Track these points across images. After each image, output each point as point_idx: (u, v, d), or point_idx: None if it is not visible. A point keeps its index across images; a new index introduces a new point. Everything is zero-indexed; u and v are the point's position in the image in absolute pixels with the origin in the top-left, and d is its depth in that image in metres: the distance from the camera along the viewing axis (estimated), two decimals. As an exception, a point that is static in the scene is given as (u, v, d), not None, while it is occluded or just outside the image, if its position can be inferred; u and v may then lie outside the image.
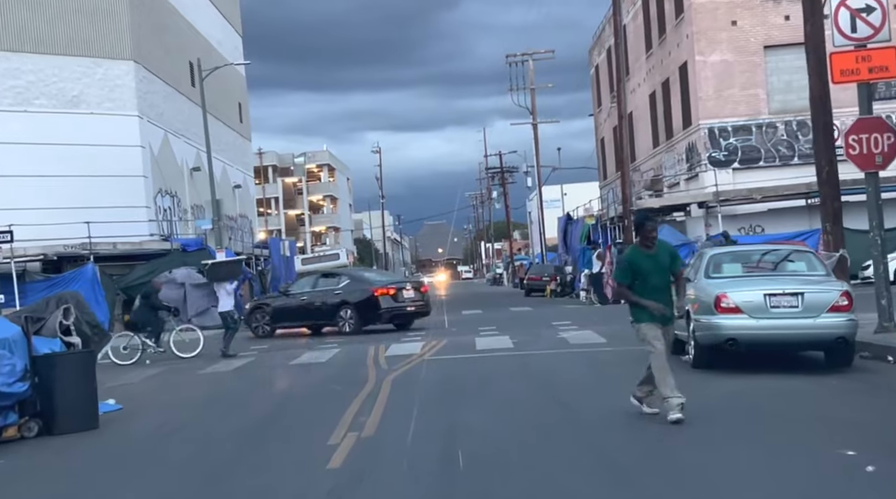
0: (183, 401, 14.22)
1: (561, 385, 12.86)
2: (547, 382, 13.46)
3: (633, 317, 10.23)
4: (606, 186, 59.38)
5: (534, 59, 70.41)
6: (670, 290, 10.19)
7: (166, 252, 39.44)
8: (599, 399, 11.38)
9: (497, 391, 12.59)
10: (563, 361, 16.23)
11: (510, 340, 20.37)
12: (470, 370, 15.51)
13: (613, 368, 14.73)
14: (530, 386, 13.04)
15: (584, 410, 10.63)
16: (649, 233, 10.01)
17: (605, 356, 16.52)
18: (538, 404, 11.19)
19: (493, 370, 15.35)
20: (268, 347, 24.08)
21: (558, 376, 14.11)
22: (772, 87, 37.82)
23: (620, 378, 13.31)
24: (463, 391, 12.69)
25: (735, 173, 37.75)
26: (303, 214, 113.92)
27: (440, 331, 25.48)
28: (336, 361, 18.92)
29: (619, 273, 10.20)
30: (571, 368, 15.05)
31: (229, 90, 60.08)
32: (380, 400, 12.01)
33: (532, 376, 14.33)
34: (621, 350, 17.15)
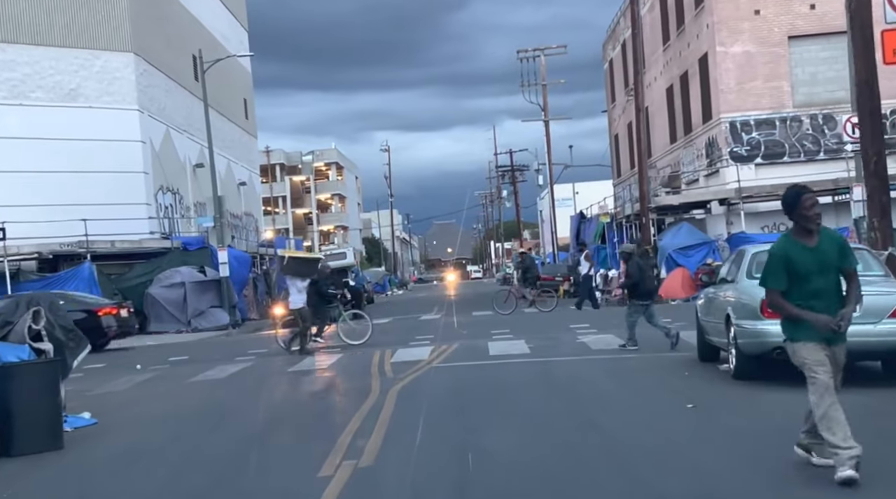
0: (165, 414, 12.79)
1: (588, 399, 11.38)
2: (571, 394, 11.99)
3: (786, 333, 7.42)
4: (621, 183, 57.84)
5: (545, 55, 68.82)
6: (840, 294, 7.28)
7: (166, 251, 38.11)
8: (635, 418, 9.89)
9: (515, 406, 11.13)
10: (586, 368, 14.76)
11: (526, 345, 18.91)
12: (484, 380, 14.05)
13: (643, 377, 13.26)
14: (553, 399, 11.57)
15: (620, 432, 9.14)
16: (809, 212, 7.15)
17: (631, 364, 15.05)
18: (564, 423, 9.71)
19: (509, 380, 13.89)
20: (267, 352, 22.65)
21: (583, 386, 12.64)
22: (796, 79, 36.26)
23: (654, 390, 11.85)
24: (477, 406, 11.23)
25: (758, 169, 36.20)
26: (311, 213, 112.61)
27: (450, 334, 24.05)
28: (338, 368, 17.49)
29: (770, 275, 7.30)
30: (596, 377, 13.58)
31: (234, 86, 58.74)
32: (382, 418, 10.55)
33: (553, 386, 12.87)
34: (648, 357, 15.70)
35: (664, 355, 15.84)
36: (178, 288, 36.21)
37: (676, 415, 9.84)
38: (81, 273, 35.14)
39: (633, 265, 17.80)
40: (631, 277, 17.60)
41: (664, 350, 16.52)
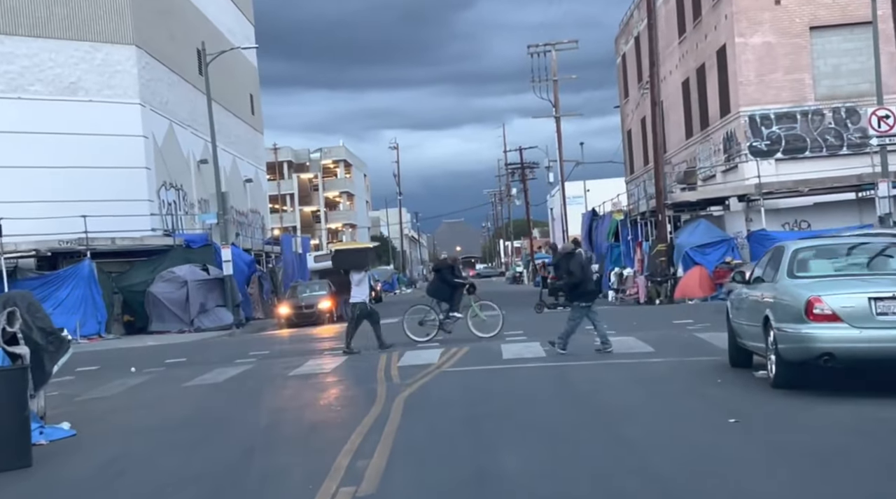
0: (151, 425, 11.73)
1: (615, 411, 10.27)
2: (595, 404, 10.89)
3: None
4: (634, 180, 56.67)
5: (556, 50, 67.65)
6: None
7: (169, 248, 37.14)
8: (672, 434, 8.77)
9: (535, 419, 10.03)
10: (609, 375, 13.66)
11: (541, 348, 17.80)
12: (498, 387, 12.96)
13: (672, 385, 12.15)
14: (575, 411, 10.47)
15: (657, 453, 8.02)
16: None
17: (657, 370, 13.94)
18: (592, 442, 8.60)
19: (526, 387, 12.80)
20: (269, 353, 21.60)
21: (608, 396, 11.53)
22: (818, 71, 35.06)
23: (687, 400, 10.75)
24: (491, 419, 10.12)
25: (778, 164, 35.01)
26: (318, 211, 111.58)
27: (460, 335, 22.93)
28: (342, 372, 16.42)
29: None
30: (621, 385, 12.47)
31: (240, 81, 57.71)
32: (387, 432, 9.46)
33: (576, 396, 11.77)
34: (674, 362, 14.58)
35: (690, 360, 14.74)
36: (181, 287, 35.23)
37: (718, 431, 8.73)
38: (81, 271, 34.20)
39: (576, 264, 16.75)
40: (574, 276, 16.62)
41: (690, 354, 15.43)
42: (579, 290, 16.52)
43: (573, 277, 16.57)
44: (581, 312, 16.60)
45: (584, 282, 16.54)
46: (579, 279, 16.50)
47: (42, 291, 34.01)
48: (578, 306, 16.60)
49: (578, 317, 16.61)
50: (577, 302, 16.62)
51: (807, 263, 11.78)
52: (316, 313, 35.11)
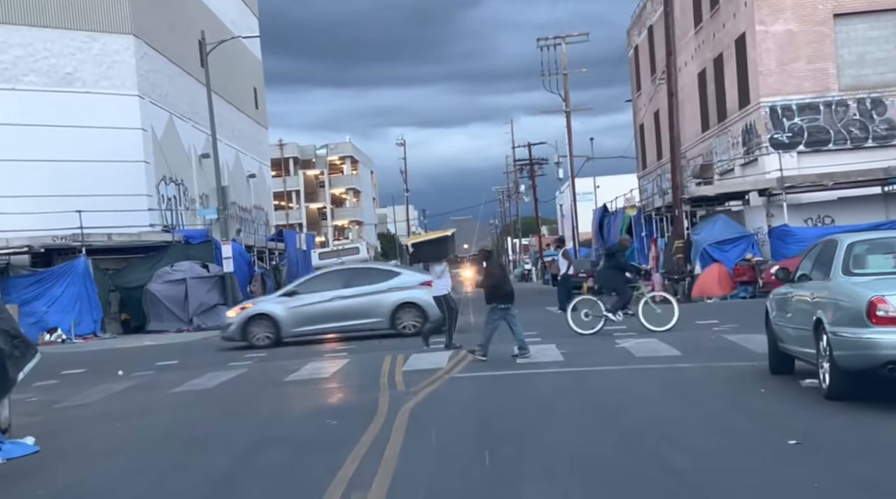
0: (122, 443, 10.45)
1: (652, 430, 8.94)
2: (627, 420, 9.56)
3: None
4: (646, 176, 55.33)
5: (567, 43, 66.35)
6: None
7: (168, 244, 35.88)
8: (729, 466, 7.40)
9: (561, 441, 8.70)
10: (636, 382, 12.35)
11: (558, 351, 16.49)
12: (514, 398, 11.66)
13: (711, 396, 10.84)
14: (608, 431, 9.14)
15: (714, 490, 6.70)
16: None
17: (688, 377, 12.62)
18: (634, 475, 7.22)
19: (545, 398, 11.49)
20: (266, 356, 20.31)
21: (639, 409, 10.21)
22: (842, 60, 33.62)
23: (732, 415, 9.42)
24: (510, 440, 8.80)
25: (800, 157, 33.61)
26: (325, 208, 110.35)
27: (470, 336, 21.63)
28: (342, 378, 15.13)
29: None
30: (653, 396, 11.15)
31: (244, 74, 56.47)
32: (388, 456, 8.15)
33: (601, 408, 10.45)
34: (705, 368, 13.27)
35: (723, 366, 13.43)
36: (179, 284, 33.99)
37: (783, 458, 7.41)
38: (76, 268, 32.99)
39: (494, 265, 16.00)
40: (492, 277, 15.75)
41: (721, 359, 14.12)
42: (498, 291, 15.77)
43: (492, 279, 15.81)
44: (499, 315, 15.82)
45: (503, 283, 15.84)
46: (498, 280, 15.78)
47: (36, 289, 32.89)
48: (496, 308, 15.85)
49: (496, 319, 15.84)
50: (495, 304, 15.86)
51: (864, 258, 10.46)
52: (320, 312, 33.81)
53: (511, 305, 15.96)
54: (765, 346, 15.02)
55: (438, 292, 18.70)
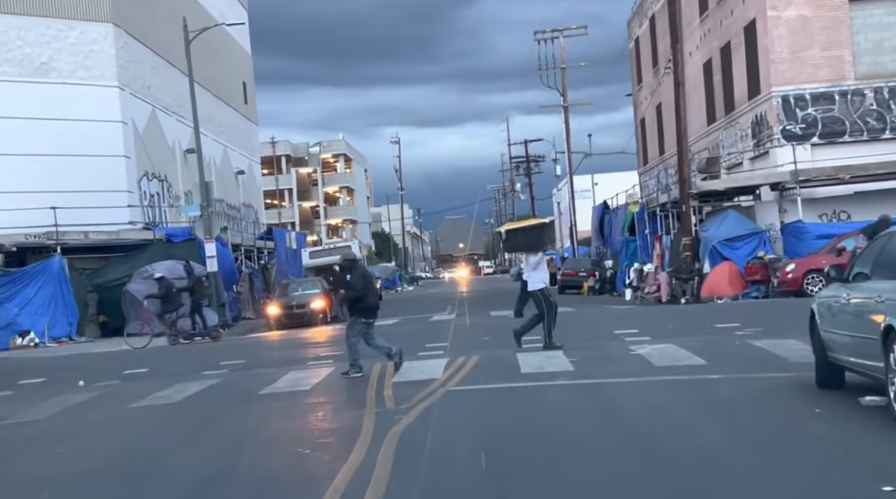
0: (56, 472, 8.72)
1: (697, 464, 7.20)
2: (666, 454, 7.80)
3: None
4: (647, 172, 53.66)
5: (564, 36, 64.71)
6: None
7: (148, 243, 34.16)
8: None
9: (586, 479, 6.97)
10: (664, 398, 10.65)
11: (566, 359, 14.76)
12: (523, 419, 9.93)
13: (757, 418, 9.12)
14: (642, 465, 7.40)
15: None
16: None
17: (722, 392, 10.92)
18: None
19: (559, 419, 9.77)
20: (245, 363, 18.57)
21: (677, 436, 8.46)
22: (858, 47, 31.94)
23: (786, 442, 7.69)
24: (522, 479, 7.07)
25: (814, 150, 31.93)
26: (318, 207, 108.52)
27: (468, 340, 19.93)
28: (324, 391, 13.40)
29: None
30: (687, 416, 9.42)
31: (232, 67, 54.74)
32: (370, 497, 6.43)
33: (632, 435, 8.70)
34: (739, 381, 11.57)
35: (758, 378, 11.73)
36: (159, 285, 32.19)
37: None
38: (50, 268, 31.27)
39: (358, 276, 14.52)
40: (354, 289, 14.40)
41: (754, 369, 12.41)
42: (361, 304, 14.47)
43: (355, 291, 14.45)
44: (360, 329, 14.47)
45: (367, 296, 14.49)
46: (361, 293, 14.42)
47: (7, 290, 31.11)
48: (358, 322, 14.55)
49: (356, 334, 14.46)
50: (356, 318, 14.57)
51: (943, 254, 8.75)
52: (308, 314, 32.22)
53: (374, 319, 14.76)
54: (800, 353, 13.43)
55: (535, 286, 16.75)
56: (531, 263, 16.86)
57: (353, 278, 14.76)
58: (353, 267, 15.10)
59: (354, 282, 14.67)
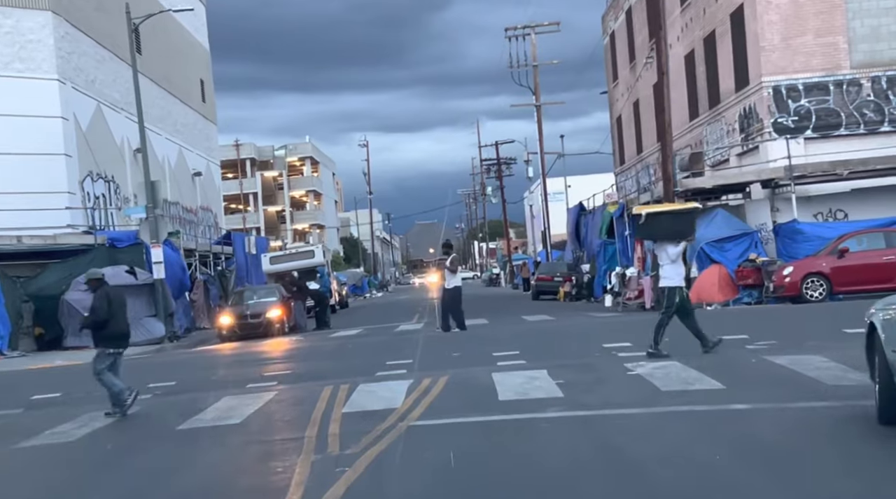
0: None
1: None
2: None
3: None
4: (624, 172, 51.47)
5: (536, 33, 62.49)
6: None
7: (90, 248, 31.38)
8: None
9: None
10: (681, 438, 8.28)
11: (552, 381, 12.32)
12: (503, 471, 7.48)
13: (818, 470, 6.74)
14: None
15: None
16: None
17: (753, 427, 8.57)
18: None
19: (554, 471, 7.33)
20: (176, 384, 15.99)
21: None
22: (854, 34, 29.79)
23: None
24: None
25: (807, 144, 29.74)
26: (284, 211, 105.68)
27: (435, 355, 17.48)
28: (257, 424, 10.90)
29: None
30: (719, 466, 7.03)
31: (189, 64, 52.03)
32: None
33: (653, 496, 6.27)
34: (771, 412, 9.28)
35: (795, 408, 9.42)
36: (101, 293, 29.54)
37: None
38: (-22, 276, 28.52)
39: (101, 297, 12.34)
40: (96, 312, 12.29)
41: (784, 395, 10.12)
42: (104, 332, 12.37)
43: (96, 314, 12.33)
44: (106, 361, 12.36)
45: (110, 321, 12.34)
46: (102, 317, 12.30)
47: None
48: (105, 353, 12.43)
49: (102, 366, 12.34)
50: (101, 347, 12.46)
51: None
52: (264, 324, 29.63)
53: (123, 349, 12.69)
54: (833, 374, 11.15)
55: (672, 282, 14.35)
56: (671, 253, 14.41)
57: (95, 301, 12.46)
58: (99, 287, 12.66)
59: (96, 305, 12.39)
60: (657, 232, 14.75)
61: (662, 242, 14.51)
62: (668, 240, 14.44)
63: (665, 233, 14.54)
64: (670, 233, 14.52)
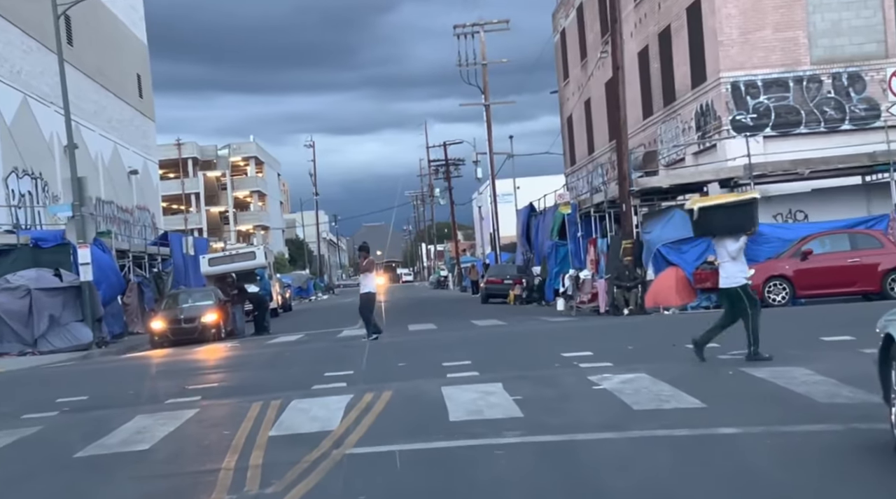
0: None
1: None
2: None
3: None
4: (575, 172, 50.45)
5: (485, 31, 61.33)
6: None
7: (12, 248, 29.49)
8: None
9: None
10: (665, 472, 6.97)
11: (509, 396, 10.94)
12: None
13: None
14: None
15: None
16: None
17: (747, 457, 7.28)
18: None
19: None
20: (87, 399, 14.36)
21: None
22: (815, 28, 28.88)
23: None
24: None
25: (766, 142, 28.76)
26: (227, 212, 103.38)
27: (380, 366, 16.05)
28: (167, 451, 9.36)
29: None
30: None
31: (125, 58, 50.01)
32: None
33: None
34: (764, 436, 8.02)
35: (795, 432, 8.17)
36: (23, 296, 27.66)
37: None
38: None
39: None
40: None
41: (777, 417, 8.90)
42: None
43: None
44: None
45: None
46: None
47: None
48: None
49: None
50: None
51: None
52: (198, 329, 28.03)
53: None
54: (824, 390, 9.98)
55: (734, 282, 12.89)
56: (730, 250, 12.94)
57: None
58: None
59: None
60: (713, 227, 13.16)
61: (721, 238, 13.03)
62: (727, 235, 13.00)
63: (722, 228, 13.01)
64: (728, 227, 13.00)
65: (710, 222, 13.17)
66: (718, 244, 13.17)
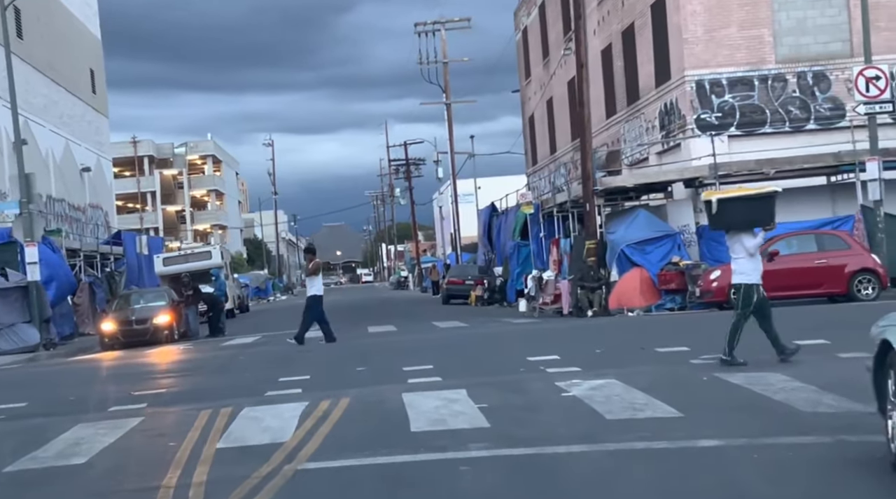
0: None
1: None
2: None
3: None
4: (536, 172, 50.03)
5: (447, 29, 60.84)
6: None
7: (-45, 248, 28.45)
8: None
9: None
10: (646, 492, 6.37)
11: (473, 404, 10.34)
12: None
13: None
14: None
15: None
16: None
17: (734, 474, 6.75)
18: None
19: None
20: (26, 407, 13.54)
21: None
22: (780, 26, 28.60)
23: None
24: None
25: (731, 142, 28.43)
26: (184, 211, 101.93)
27: (336, 369, 15.39)
28: (105, 466, 8.64)
29: None
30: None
31: (77, 51, 48.77)
32: None
33: None
34: (749, 449, 7.50)
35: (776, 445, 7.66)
36: (-32, 297, 26.67)
37: None
38: None
39: None
40: None
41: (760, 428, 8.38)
42: None
43: None
44: None
45: None
46: None
47: None
48: None
49: None
50: None
51: None
52: (150, 330, 27.15)
53: None
54: (805, 398, 9.53)
55: (747, 279, 12.27)
56: (748, 246, 12.27)
57: None
58: None
59: None
60: (731, 221, 12.51)
61: (738, 232, 12.41)
62: (745, 230, 12.40)
63: (741, 221, 12.39)
64: (747, 221, 12.41)
65: (729, 216, 12.57)
66: (733, 239, 12.55)
